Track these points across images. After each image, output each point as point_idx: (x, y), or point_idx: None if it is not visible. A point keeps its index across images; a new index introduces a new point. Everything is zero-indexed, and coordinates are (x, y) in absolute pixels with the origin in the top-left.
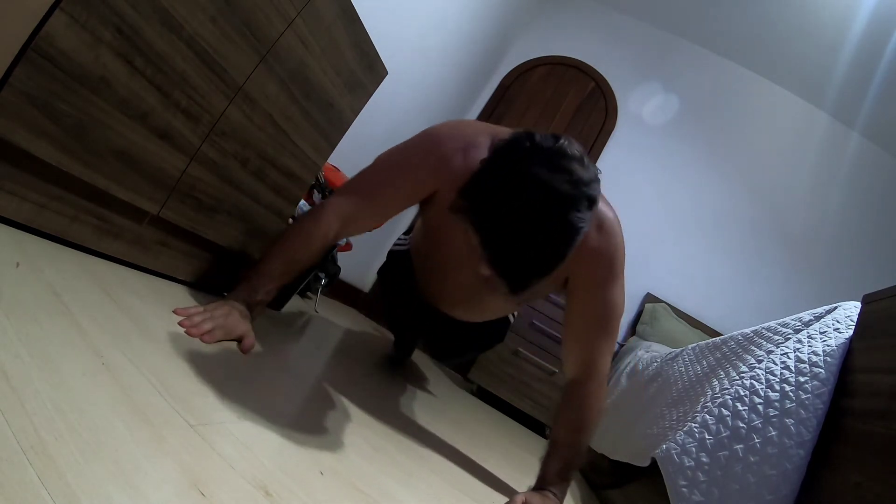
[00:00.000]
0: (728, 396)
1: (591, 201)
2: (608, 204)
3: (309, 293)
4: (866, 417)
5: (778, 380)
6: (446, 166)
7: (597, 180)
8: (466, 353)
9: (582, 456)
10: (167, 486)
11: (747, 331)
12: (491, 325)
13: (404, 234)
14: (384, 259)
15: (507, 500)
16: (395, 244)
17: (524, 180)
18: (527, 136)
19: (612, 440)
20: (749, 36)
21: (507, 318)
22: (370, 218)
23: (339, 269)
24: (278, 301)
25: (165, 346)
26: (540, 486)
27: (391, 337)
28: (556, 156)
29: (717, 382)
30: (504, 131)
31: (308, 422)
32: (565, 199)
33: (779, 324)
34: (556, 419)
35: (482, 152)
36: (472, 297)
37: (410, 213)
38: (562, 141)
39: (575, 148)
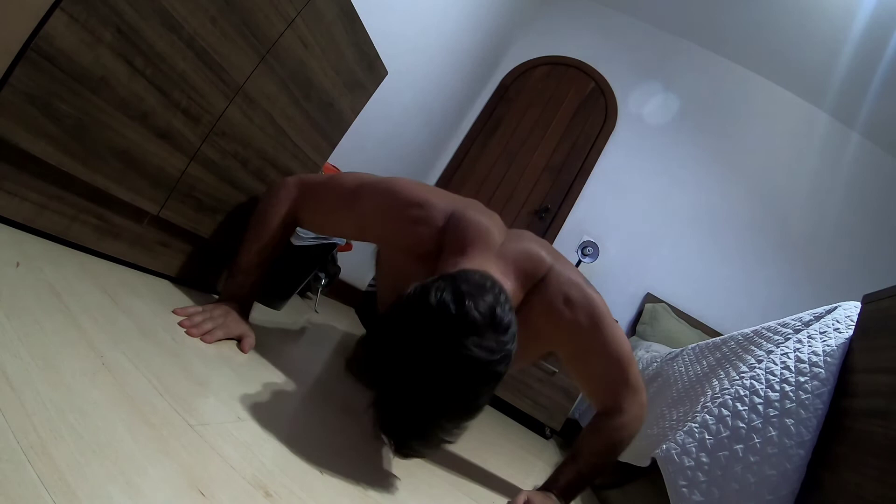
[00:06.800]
0: (728, 396)
1: (495, 378)
2: (564, 262)
3: (309, 293)
4: (866, 417)
5: (778, 380)
6: (393, 227)
7: (503, 349)
8: None
9: (598, 474)
10: (167, 486)
11: (747, 331)
12: None
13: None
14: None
15: (507, 499)
16: (369, 284)
17: (416, 358)
18: (424, 298)
19: None
20: (749, 36)
21: None
22: (308, 226)
23: (339, 269)
24: (278, 298)
25: (165, 346)
26: (546, 489)
27: None
28: (455, 330)
29: (717, 382)
30: (460, 206)
31: (308, 422)
32: (458, 386)
33: (779, 324)
34: (583, 435)
35: (434, 224)
36: None
37: None
38: (466, 305)
39: (478, 311)
